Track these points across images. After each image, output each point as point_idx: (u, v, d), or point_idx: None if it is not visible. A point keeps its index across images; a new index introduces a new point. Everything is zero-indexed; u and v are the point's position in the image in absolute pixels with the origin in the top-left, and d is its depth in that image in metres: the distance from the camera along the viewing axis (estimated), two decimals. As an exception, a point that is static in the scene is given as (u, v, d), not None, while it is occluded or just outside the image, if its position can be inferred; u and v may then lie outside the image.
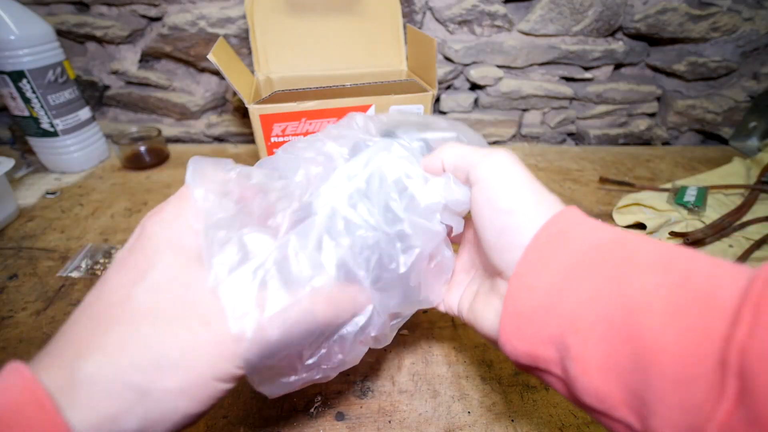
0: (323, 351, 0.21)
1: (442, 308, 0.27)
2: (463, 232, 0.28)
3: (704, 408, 0.13)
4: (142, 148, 0.62)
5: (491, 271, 0.23)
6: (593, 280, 0.16)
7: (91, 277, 0.41)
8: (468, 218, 0.24)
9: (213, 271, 0.17)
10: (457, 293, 0.26)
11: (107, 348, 0.15)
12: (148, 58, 0.67)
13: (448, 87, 0.71)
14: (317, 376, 0.22)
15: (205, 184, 0.19)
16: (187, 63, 0.67)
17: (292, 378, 0.21)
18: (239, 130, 0.74)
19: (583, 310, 0.16)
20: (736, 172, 0.57)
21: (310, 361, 0.21)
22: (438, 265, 0.24)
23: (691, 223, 0.48)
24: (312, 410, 0.30)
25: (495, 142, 0.75)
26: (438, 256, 0.24)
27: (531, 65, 0.68)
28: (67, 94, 0.57)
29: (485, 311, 0.22)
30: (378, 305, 0.22)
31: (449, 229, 0.24)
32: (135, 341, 0.15)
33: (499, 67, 0.68)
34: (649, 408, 0.14)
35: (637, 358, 0.14)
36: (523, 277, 0.18)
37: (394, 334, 0.25)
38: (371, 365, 0.33)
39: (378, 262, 0.21)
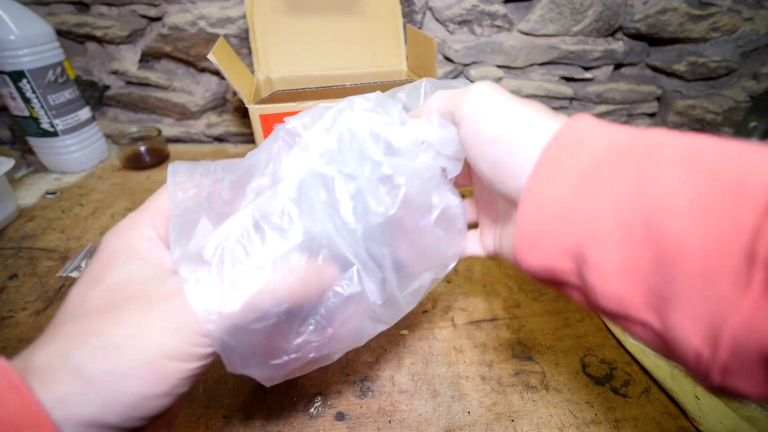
0: (311, 327, 0.21)
1: (481, 253, 0.26)
2: (470, 175, 0.27)
3: (729, 300, 0.12)
4: (142, 148, 0.62)
5: (506, 203, 0.23)
6: (610, 184, 0.16)
7: (91, 277, 0.41)
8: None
9: (175, 252, 0.18)
10: (490, 234, 0.26)
11: (56, 340, 0.16)
12: (148, 58, 0.67)
13: (448, 87, 0.71)
14: (311, 355, 0.21)
15: (178, 184, 0.21)
16: (187, 63, 0.67)
17: (284, 359, 0.20)
18: (239, 130, 0.74)
19: (600, 217, 0.16)
20: (736, 172, 0.57)
21: (299, 340, 0.20)
22: (444, 213, 0.23)
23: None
24: (312, 410, 0.30)
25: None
26: (441, 205, 0.23)
27: (531, 65, 0.68)
28: (67, 94, 0.57)
29: (507, 239, 0.22)
30: (369, 261, 0.21)
31: (444, 171, 0.23)
32: (81, 332, 0.16)
33: (499, 67, 0.68)
34: (670, 305, 0.14)
35: (660, 260, 0.14)
36: (532, 194, 0.18)
37: (418, 298, 0.24)
38: (371, 365, 0.33)
39: (364, 210, 0.20)
